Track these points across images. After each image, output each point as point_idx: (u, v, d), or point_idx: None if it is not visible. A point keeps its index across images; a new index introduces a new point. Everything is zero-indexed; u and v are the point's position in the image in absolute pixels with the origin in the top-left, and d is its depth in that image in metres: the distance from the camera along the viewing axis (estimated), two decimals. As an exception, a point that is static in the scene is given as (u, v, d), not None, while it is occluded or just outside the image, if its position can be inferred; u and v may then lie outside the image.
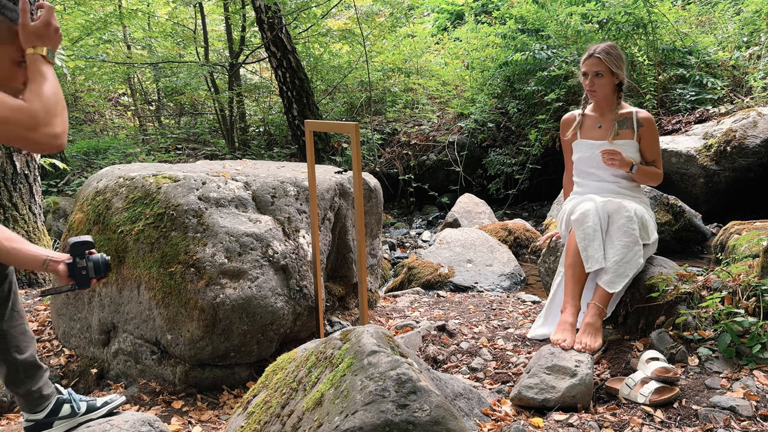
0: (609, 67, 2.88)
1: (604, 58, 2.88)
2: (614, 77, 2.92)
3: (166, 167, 3.14)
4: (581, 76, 3.01)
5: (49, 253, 1.88)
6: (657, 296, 2.60)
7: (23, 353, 1.86)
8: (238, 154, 8.48)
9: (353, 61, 9.79)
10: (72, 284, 1.90)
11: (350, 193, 3.20)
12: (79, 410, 1.99)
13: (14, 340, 1.85)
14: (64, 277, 1.89)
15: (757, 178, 5.29)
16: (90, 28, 8.80)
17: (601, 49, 2.91)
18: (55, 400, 1.96)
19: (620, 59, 2.93)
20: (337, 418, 1.57)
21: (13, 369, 1.87)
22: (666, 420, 2.02)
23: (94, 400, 2.07)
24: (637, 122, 2.96)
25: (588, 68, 2.93)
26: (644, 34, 6.99)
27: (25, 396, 1.90)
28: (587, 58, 2.94)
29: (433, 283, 4.50)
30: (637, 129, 2.95)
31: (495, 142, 8.14)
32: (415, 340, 2.91)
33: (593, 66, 2.91)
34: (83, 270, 1.89)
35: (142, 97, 11.32)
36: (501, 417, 2.11)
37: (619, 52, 2.96)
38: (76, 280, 1.89)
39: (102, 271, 1.92)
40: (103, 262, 1.92)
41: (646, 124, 2.95)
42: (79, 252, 1.89)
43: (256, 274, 2.61)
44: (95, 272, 1.90)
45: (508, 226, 5.56)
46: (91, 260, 1.90)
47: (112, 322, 2.77)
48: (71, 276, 1.89)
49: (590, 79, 2.93)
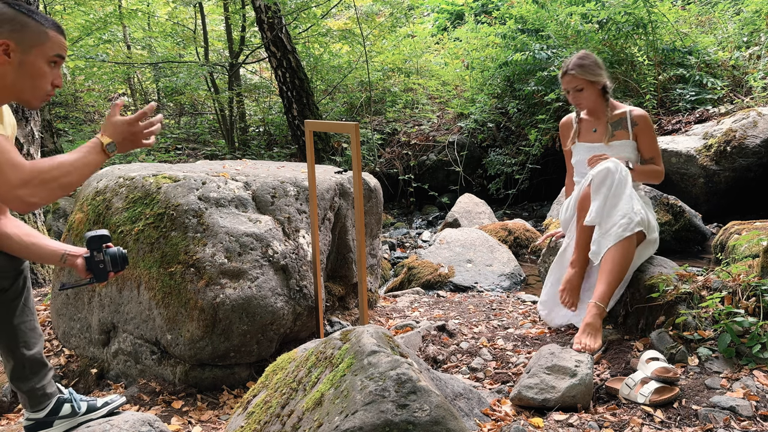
0: (585, 78, 2.90)
1: (577, 72, 2.90)
2: (595, 85, 2.94)
3: (166, 167, 3.14)
4: (566, 95, 3.04)
5: (67, 248, 1.91)
6: (657, 296, 2.60)
7: (31, 349, 1.87)
8: (238, 154, 8.49)
9: (353, 61, 9.79)
10: (90, 278, 1.93)
11: (350, 193, 3.20)
12: (80, 410, 2.00)
13: (24, 336, 1.87)
14: (83, 271, 1.91)
15: (757, 178, 5.29)
16: (90, 28, 8.80)
17: (573, 65, 2.92)
18: (56, 399, 1.96)
19: (595, 66, 2.93)
20: (337, 418, 1.57)
21: (19, 365, 1.88)
22: (666, 420, 2.02)
23: (95, 400, 2.07)
24: (631, 121, 2.98)
25: (566, 86, 2.97)
26: (644, 34, 6.99)
27: (28, 393, 1.90)
28: (562, 77, 2.97)
29: (433, 283, 4.50)
30: (632, 128, 2.97)
31: (495, 142, 8.14)
32: (415, 340, 2.91)
33: (570, 83, 2.95)
34: (101, 264, 1.91)
35: (142, 97, 11.32)
36: (501, 417, 2.11)
37: (594, 58, 2.96)
38: (94, 273, 1.92)
39: (120, 264, 1.94)
40: (120, 255, 1.94)
41: (641, 122, 2.97)
42: (96, 246, 1.91)
43: (256, 274, 2.61)
44: (113, 265, 1.93)
45: (508, 226, 5.56)
46: (108, 254, 1.92)
47: (112, 322, 2.77)
48: (89, 270, 1.91)
49: (572, 95, 2.97)
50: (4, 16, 1.60)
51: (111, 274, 1.93)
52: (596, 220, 2.70)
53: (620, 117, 3.01)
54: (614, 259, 2.63)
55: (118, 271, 1.95)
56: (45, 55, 1.65)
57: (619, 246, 2.63)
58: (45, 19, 1.66)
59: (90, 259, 1.90)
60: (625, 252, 2.64)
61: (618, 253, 2.63)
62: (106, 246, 1.92)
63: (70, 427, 1.97)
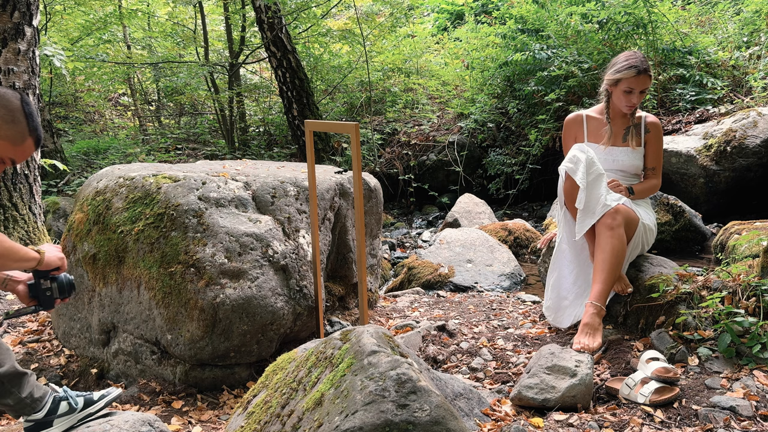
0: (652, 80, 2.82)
1: (651, 74, 2.80)
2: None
3: (166, 167, 3.14)
4: (617, 90, 2.87)
5: (10, 272, 1.86)
6: (657, 296, 2.60)
7: (2, 366, 1.82)
8: (238, 154, 8.49)
9: (353, 61, 9.79)
10: (35, 305, 1.87)
11: (350, 193, 3.20)
12: (77, 405, 1.98)
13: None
14: (25, 298, 1.86)
15: (757, 178, 5.29)
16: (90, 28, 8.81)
17: (648, 65, 2.79)
18: (52, 399, 1.94)
19: None
20: (337, 418, 1.57)
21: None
22: (666, 420, 2.02)
23: (91, 394, 2.04)
24: (644, 127, 2.97)
25: (639, 86, 2.81)
26: (644, 34, 6.99)
27: (17, 404, 1.87)
28: (636, 75, 2.78)
29: (433, 283, 4.50)
30: (644, 134, 2.96)
31: (495, 142, 8.14)
32: (415, 340, 2.91)
33: (644, 84, 2.81)
34: (48, 291, 1.86)
35: (142, 97, 11.32)
36: (501, 417, 2.11)
37: None
38: (39, 300, 1.86)
39: (67, 291, 1.89)
40: (67, 282, 1.88)
41: (653, 130, 2.96)
42: (43, 273, 1.85)
43: (256, 274, 2.61)
44: (60, 293, 1.87)
45: (508, 226, 5.56)
46: (57, 280, 1.87)
47: (112, 322, 2.77)
48: (34, 297, 1.86)
49: (636, 95, 2.83)
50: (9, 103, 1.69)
51: (58, 301, 1.88)
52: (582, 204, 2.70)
53: (637, 122, 3.00)
54: (606, 257, 2.63)
55: (65, 298, 1.89)
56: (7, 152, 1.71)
57: (608, 243, 2.63)
58: (35, 128, 1.73)
59: (35, 286, 1.85)
60: (616, 248, 2.63)
61: (609, 251, 2.63)
62: (54, 273, 1.86)
63: (71, 425, 1.96)
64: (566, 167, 2.74)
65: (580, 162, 2.70)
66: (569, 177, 2.74)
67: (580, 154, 2.72)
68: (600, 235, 2.68)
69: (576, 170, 2.69)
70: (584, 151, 2.74)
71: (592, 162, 2.71)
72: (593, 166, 2.71)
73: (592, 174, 2.69)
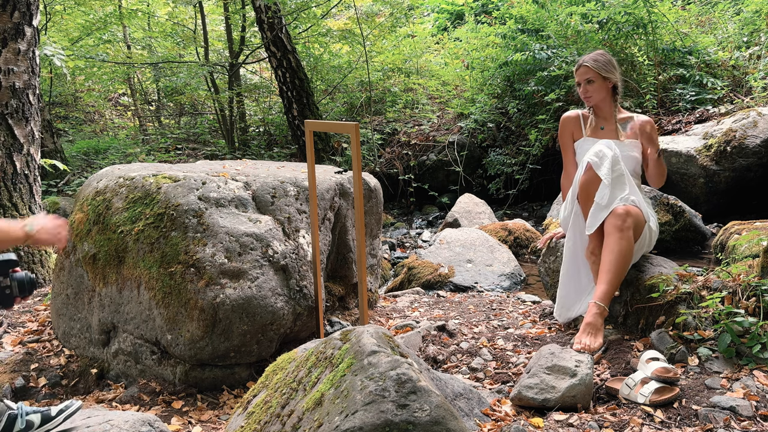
0: (598, 72, 2.99)
1: (591, 65, 3.00)
2: (606, 82, 3.01)
3: (166, 167, 3.14)
4: (577, 88, 3.12)
5: None
6: (657, 296, 2.60)
7: None
8: (238, 154, 8.49)
9: (353, 61, 9.79)
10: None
11: (350, 193, 3.20)
12: (34, 424, 1.89)
13: None
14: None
15: (757, 178, 5.28)
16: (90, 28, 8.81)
17: (588, 58, 3.05)
18: (7, 416, 1.86)
19: (609, 64, 3.02)
20: (337, 418, 1.57)
21: None
22: (666, 420, 2.02)
23: (48, 409, 1.96)
24: (640, 126, 2.98)
25: (579, 77, 3.06)
26: (644, 34, 6.99)
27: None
28: (577, 69, 3.07)
29: (433, 283, 4.50)
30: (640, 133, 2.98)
31: (495, 142, 8.14)
32: (415, 340, 2.91)
33: (583, 75, 3.04)
34: (7, 289, 1.82)
35: (142, 97, 11.32)
36: (501, 417, 2.11)
37: (609, 57, 3.06)
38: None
39: (27, 289, 1.85)
40: (28, 280, 1.85)
41: (649, 127, 2.98)
42: (2, 270, 1.82)
43: (256, 274, 2.61)
44: (20, 291, 1.84)
45: (508, 226, 5.56)
46: (15, 279, 1.83)
47: (112, 322, 2.77)
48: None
49: (583, 87, 3.05)
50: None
51: (17, 299, 1.84)
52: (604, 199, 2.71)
53: (626, 120, 3.04)
54: (614, 258, 2.62)
55: (25, 296, 1.86)
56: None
57: (617, 244, 2.63)
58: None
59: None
60: (624, 250, 2.63)
61: (618, 252, 2.63)
62: (13, 270, 1.83)
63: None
64: (590, 160, 2.77)
65: (605, 157, 2.75)
66: (591, 170, 2.76)
67: (607, 150, 2.78)
68: (609, 236, 2.67)
69: (601, 165, 2.74)
70: (611, 147, 2.80)
71: (617, 160, 2.77)
72: (617, 164, 2.76)
73: (615, 172, 2.75)
